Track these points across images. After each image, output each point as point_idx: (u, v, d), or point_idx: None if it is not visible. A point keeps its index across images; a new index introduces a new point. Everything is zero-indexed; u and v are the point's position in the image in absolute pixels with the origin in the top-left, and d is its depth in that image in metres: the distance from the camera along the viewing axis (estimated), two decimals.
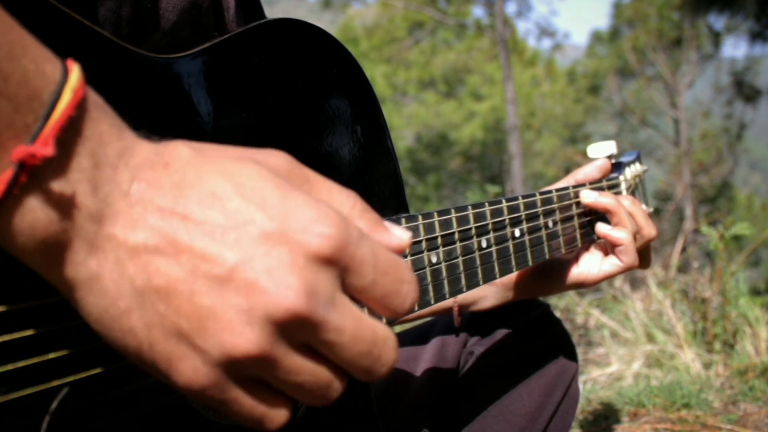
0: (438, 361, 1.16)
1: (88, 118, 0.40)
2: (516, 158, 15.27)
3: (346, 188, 0.48)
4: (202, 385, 0.42)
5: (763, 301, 2.57)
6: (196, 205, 0.42)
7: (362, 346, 0.44)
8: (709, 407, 1.96)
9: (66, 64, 0.40)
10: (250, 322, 0.41)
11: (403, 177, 0.84)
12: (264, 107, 0.68)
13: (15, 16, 0.39)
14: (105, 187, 0.41)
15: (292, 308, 0.41)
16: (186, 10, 0.72)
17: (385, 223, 0.49)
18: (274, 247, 0.42)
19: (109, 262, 0.41)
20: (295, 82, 0.71)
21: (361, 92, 0.78)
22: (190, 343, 0.41)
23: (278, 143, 0.69)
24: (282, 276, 0.41)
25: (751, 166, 39.56)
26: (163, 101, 0.60)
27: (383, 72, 19.58)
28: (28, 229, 0.39)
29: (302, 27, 0.72)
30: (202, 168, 0.44)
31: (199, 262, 0.41)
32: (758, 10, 13.27)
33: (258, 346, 0.41)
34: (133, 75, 0.57)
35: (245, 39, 0.67)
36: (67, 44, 0.51)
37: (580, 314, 3.10)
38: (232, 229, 0.42)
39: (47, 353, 0.48)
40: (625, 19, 19.79)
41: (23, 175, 0.38)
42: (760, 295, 2.98)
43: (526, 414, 1.07)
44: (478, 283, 0.86)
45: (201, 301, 0.41)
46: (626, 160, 1.25)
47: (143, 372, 0.46)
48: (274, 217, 0.43)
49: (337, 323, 0.43)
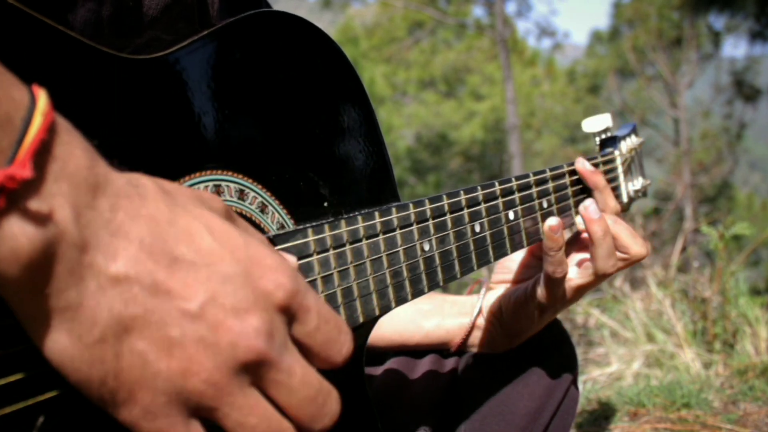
0: (438, 362, 1.16)
1: (60, 141, 0.41)
2: (516, 158, 15.27)
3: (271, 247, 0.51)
4: (155, 415, 0.44)
5: (763, 300, 2.56)
6: (172, 241, 0.44)
7: (309, 391, 0.47)
8: (709, 407, 1.95)
9: (32, 90, 0.40)
10: (214, 355, 0.44)
11: (394, 169, 0.83)
12: (248, 101, 0.68)
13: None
14: (87, 214, 0.41)
15: (254, 347, 0.44)
16: (170, 6, 0.72)
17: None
18: (239, 289, 0.45)
19: (89, 290, 0.42)
20: (278, 75, 0.71)
21: (347, 81, 0.78)
22: (154, 371, 0.43)
23: (264, 138, 0.69)
24: (246, 316, 0.45)
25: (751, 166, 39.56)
26: (148, 100, 0.59)
27: (383, 72, 19.57)
28: (10, 256, 0.38)
29: (283, 18, 0.71)
30: (173, 204, 0.46)
31: (173, 296, 0.43)
32: (758, 10, 13.27)
33: (218, 380, 0.44)
34: (117, 78, 0.56)
35: (228, 33, 0.66)
36: (42, 51, 0.51)
37: (580, 314, 3.10)
38: (204, 267, 0.45)
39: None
40: (625, 18, 19.78)
41: (2, 200, 0.37)
42: (760, 295, 2.97)
43: (526, 414, 1.06)
44: (472, 268, 0.86)
45: (171, 331, 0.43)
46: (621, 134, 1.21)
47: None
48: (240, 260, 0.46)
49: (288, 365, 0.46)
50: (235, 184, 0.66)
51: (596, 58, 21.90)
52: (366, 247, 0.73)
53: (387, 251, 0.76)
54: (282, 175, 0.70)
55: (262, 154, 0.69)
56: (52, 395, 0.48)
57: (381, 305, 0.75)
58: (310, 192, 0.73)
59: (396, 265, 0.76)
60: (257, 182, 0.68)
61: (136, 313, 0.42)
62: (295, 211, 0.72)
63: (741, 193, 23.03)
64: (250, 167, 0.68)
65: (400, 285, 0.77)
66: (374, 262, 0.74)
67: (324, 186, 0.74)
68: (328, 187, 0.74)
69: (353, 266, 0.72)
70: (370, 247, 0.74)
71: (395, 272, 0.76)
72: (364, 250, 0.73)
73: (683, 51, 18.06)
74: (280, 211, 0.70)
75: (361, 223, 0.73)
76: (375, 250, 0.74)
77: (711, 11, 14.34)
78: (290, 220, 0.71)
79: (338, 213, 0.75)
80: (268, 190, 0.69)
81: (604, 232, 0.98)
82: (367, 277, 0.73)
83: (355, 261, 0.72)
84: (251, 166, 0.68)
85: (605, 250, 0.98)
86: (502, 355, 1.12)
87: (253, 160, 0.68)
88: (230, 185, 0.66)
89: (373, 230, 0.74)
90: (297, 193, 0.72)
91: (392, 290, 0.76)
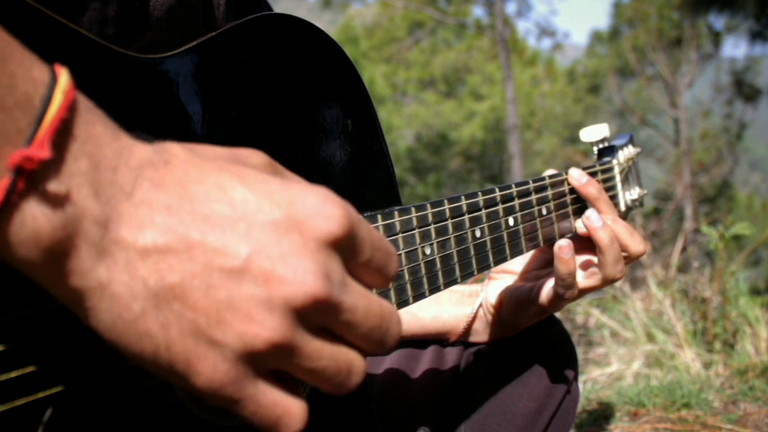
0: (438, 362, 1.16)
1: (81, 120, 0.40)
2: (516, 158, 15.27)
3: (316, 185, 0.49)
4: (222, 383, 0.41)
5: (763, 300, 2.57)
6: (203, 199, 0.42)
7: (373, 321, 0.45)
8: (709, 407, 1.96)
9: (54, 68, 0.40)
10: (270, 311, 0.41)
11: (395, 170, 0.84)
12: (253, 104, 0.68)
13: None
14: (107, 190, 0.40)
15: (311, 293, 0.42)
16: (175, 8, 0.72)
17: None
18: (285, 234, 0.42)
19: (118, 265, 0.40)
20: (282, 78, 0.71)
21: (351, 86, 0.78)
22: (208, 339, 0.41)
23: (268, 140, 0.70)
24: (297, 262, 0.42)
25: (751, 165, 39.56)
26: (150, 101, 0.60)
27: (383, 72, 19.57)
28: (31, 239, 0.38)
29: (287, 21, 0.72)
30: (202, 165, 0.44)
31: (212, 256, 0.41)
32: (758, 9, 13.27)
33: (280, 334, 0.41)
34: (119, 75, 0.57)
35: (232, 36, 0.67)
36: (51, 47, 0.51)
37: (580, 314, 3.10)
38: (241, 220, 0.42)
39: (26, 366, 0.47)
40: (625, 18, 19.78)
41: (21, 181, 0.37)
42: (760, 294, 2.97)
43: (526, 414, 1.07)
44: (472, 273, 0.87)
45: (217, 294, 0.41)
46: (619, 144, 1.23)
47: (145, 374, 0.45)
48: (280, 204, 0.43)
49: (350, 303, 0.44)
50: None
51: (596, 58, 21.89)
52: None
53: None
54: None
55: (268, 154, 0.69)
56: (57, 390, 0.49)
57: None
58: None
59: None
60: None
61: (174, 282, 0.40)
62: None
63: (741, 193, 23.02)
64: None
65: (401, 288, 0.77)
66: None
67: (328, 189, 0.74)
68: (332, 189, 0.75)
69: None
70: None
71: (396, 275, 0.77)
72: None
73: (683, 51, 18.06)
74: None
75: None
76: None
77: (711, 11, 14.33)
78: None
79: None
80: None
81: (611, 240, 1.00)
82: None
83: None
84: None
85: (613, 257, 1.00)
86: (503, 356, 1.12)
87: None
88: None
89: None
90: None
91: (394, 293, 0.76)
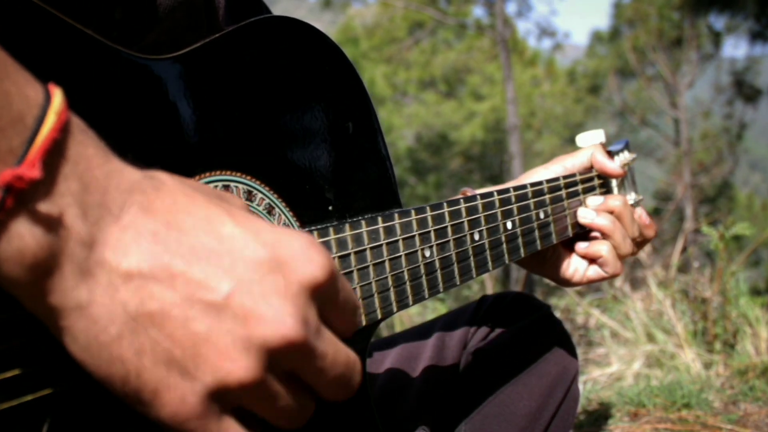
0: (438, 361, 1.16)
1: (73, 141, 0.40)
2: (516, 158, 15.26)
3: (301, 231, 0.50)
4: (187, 416, 0.41)
5: (763, 301, 2.57)
6: (191, 230, 0.42)
7: (339, 370, 0.46)
8: (710, 407, 1.96)
9: (48, 88, 0.40)
10: (246, 350, 0.41)
11: (395, 172, 0.84)
12: (254, 106, 0.69)
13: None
14: (95, 212, 0.40)
15: (289, 336, 0.42)
16: (178, 8, 0.72)
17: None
18: (268, 274, 0.42)
19: (100, 287, 0.40)
20: (284, 81, 0.72)
21: (351, 88, 0.79)
22: (181, 370, 0.41)
23: (269, 142, 0.70)
24: (278, 303, 0.42)
25: (751, 166, 39.55)
26: (150, 101, 0.60)
27: (383, 72, 19.56)
28: (16, 256, 0.38)
29: (288, 24, 0.72)
30: (192, 195, 0.44)
31: (194, 287, 0.41)
32: (758, 10, 13.27)
33: (253, 374, 0.41)
34: (123, 75, 0.57)
35: (234, 38, 0.67)
36: (51, 47, 0.51)
37: (581, 314, 3.10)
38: (226, 255, 0.42)
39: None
40: (625, 19, 19.76)
41: (9, 199, 0.37)
42: (760, 295, 2.97)
43: (526, 414, 1.07)
44: (471, 276, 0.87)
45: (196, 327, 0.41)
46: (615, 149, 1.23)
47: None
48: (266, 243, 0.43)
49: (322, 350, 0.44)
50: (243, 185, 0.67)
51: (596, 58, 21.88)
52: (369, 251, 0.74)
53: (389, 256, 0.76)
54: (289, 178, 0.71)
55: (270, 157, 0.70)
56: (52, 391, 0.49)
57: (383, 309, 0.76)
58: (315, 195, 0.74)
59: (398, 270, 0.77)
60: (265, 184, 0.69)
61: (154, 309, 0.40)
62: (301, 214, 0.72)
63: (741, 194, 23.02)
64: (258, 169, 0.69)
65: (401, 290, 0.77)
66: (377, 267, 0.75)
67: (329, 190, 0.75)
68: (333, 192, 0.75)
69: (356, 270, 0.73)
70: (372, 251, 0.75)
71: (397, 277, 0.77)
72: (368, 255, 0.74)
73: (683, 51, 18.05)
74: (286, 213, 0.71)
75: (365, 227, 0.74)
76: (377, 255, 0.75)
77: (711, 11, 14.35)
78: (296, 222, 0.72)
79: (342, 217, 0.76)
80: (275, 192, 0.70)
81: (612, 222, 1.08)
82: (370, 281, 0.74)
83: (358, 265, 0.73)
84: (259, 167, 0.69)
85: (620, 236, 1.08)
86: (503, 355, 1.12)
87: (262, 162, 0.69)
88: (239, 186, 0.67)
89: (375, 235, 0.75)
90: (303, 196, 0.73)
91: (394, 294, 0.76)
